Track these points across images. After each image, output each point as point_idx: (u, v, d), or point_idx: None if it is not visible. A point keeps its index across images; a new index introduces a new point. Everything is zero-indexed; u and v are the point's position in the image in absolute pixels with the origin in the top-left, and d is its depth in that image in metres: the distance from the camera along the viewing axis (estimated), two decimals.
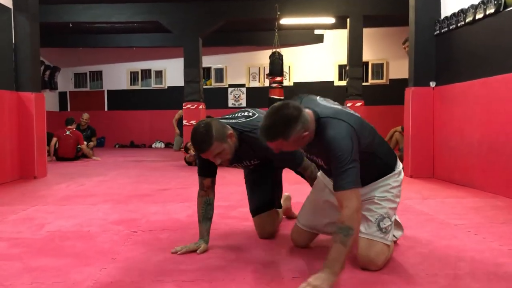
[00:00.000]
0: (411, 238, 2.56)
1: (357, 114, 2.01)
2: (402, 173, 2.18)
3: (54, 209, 3.52)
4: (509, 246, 2.37)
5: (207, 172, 2.38)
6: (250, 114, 2.40)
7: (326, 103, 2.02)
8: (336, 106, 2.03)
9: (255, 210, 2.62)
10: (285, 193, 2.95)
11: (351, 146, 1.79)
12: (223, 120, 2.30)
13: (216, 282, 1.86)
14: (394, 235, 2.20)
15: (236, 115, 2.41)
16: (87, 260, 2.18)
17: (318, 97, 2.08)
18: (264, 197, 2.62)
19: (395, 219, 2.21)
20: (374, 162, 2.03)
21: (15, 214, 3.32)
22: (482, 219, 3.06)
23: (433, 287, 1.80)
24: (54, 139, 8.00)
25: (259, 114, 2.39)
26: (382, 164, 2.09)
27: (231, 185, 4.39)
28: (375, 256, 1.97)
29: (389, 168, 2.11)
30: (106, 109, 12.56)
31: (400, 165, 2.17)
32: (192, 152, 6.95)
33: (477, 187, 4.30)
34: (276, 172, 2.68)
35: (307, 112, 1.83)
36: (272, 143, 1.82)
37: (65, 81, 12.60)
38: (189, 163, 6.96)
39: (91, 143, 8.73)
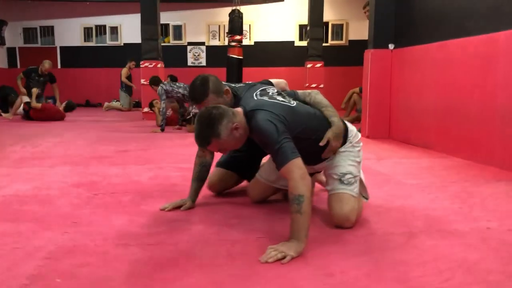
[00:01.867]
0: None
1: (288, 104, 2.09)
2: (357, 136, 2.29)
3: (9, 172, 3.40)
4: (459, 204, 2.51)
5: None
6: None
7: (260, 98, 2.10)
8: (268, 99, 2.07)
9: (219, 163, 2.72)
10: None
11: (274, 126, 1.88)
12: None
13: (180, 244, 1.88)
14: (362, 195, 2.33)
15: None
16: (47, 225, 2.15)
17: (263, 90, 2.18)
18: (235, 160, 2.65)
19: (361, 179, 2.29)
20: (317, 144, 2.10)
21: None
22: (435, 178, 3.21)
23: (389, 244, 1.89)
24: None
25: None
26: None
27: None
28: (347, 210, 2.05)
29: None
30: (59, 66, 12.06)
31: (351, 134, 2.25)
32: (157, 107, 6.79)
33: (431, 148, 4.48)
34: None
35: (236, 109, 2.02)
36: (210, 146, 1.95)
37: (13, 36, 11.94)
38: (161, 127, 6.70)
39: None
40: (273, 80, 2.40)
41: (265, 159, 2.61)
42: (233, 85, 2.36)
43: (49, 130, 6.26)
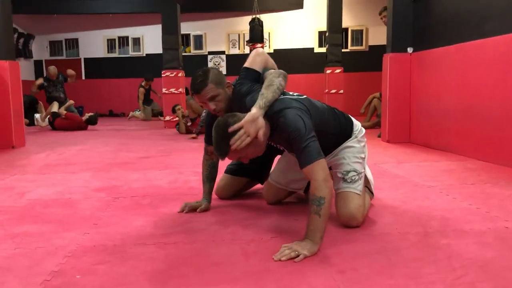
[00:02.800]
0: (385, 199, 2.66)
1: (304, 97, 2.12)
2: (362, 131, 2.33)
3: (34, 178, 3.52)
4: (478, 205, 2.48)
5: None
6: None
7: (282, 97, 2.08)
8: (289, 98, 2.08)
9: (227, 170, 2.74)
10: None
11: (303, 123, 1.88)
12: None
13: (196, 244, 1.92)
14: (368, 188, 2.35)
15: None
16: (69, 226, 2.22)
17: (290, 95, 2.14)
18: (243, 167, 2.67)
19: (365, 175, 2.30)
20: (327, 137, 2.13)
21: None
22: (454, 180, 3.18)
23: (404, 244, 1.89)
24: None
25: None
26: (337, 135, 2.21)
27: None
28: (352, 209, 2.07)
29: (344, 137, 2.24)
30: (83, 77, 12.34)
31: (356, 128, 2.29)
32: (180, 112, 6.90)
33: (451, 151, 4.43)
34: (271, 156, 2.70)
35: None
36: (229, 156, 1.95)
37: (40, 49, 12.28)
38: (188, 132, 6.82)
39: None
40: (258, 63, 2.31)
41: (276, 159, 2.64)
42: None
43: (72, 139, 6.42)
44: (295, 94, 2.15)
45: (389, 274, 1.58)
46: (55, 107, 8.34)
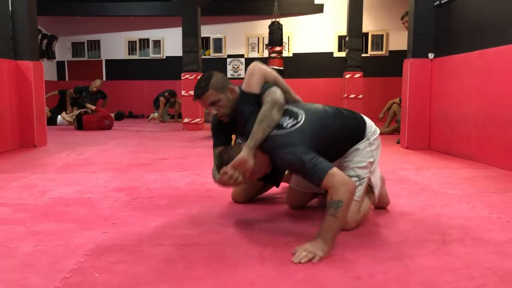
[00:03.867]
0: (403, 206, 2.63)
1: (301, 123, 2.06)
2: (376, 132, 2.27)
3: (55, 177, 3.58)
4: (498, 214, 2.44)
5: (220, 143, 2.38)
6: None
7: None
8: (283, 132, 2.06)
9: None
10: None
11: (296, 158, 1.92)
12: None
13: (213, 246, 1.93)
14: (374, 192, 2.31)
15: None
16: (88, 225, 2.26)
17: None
18: None
19: (370, 179, 2.25)
20: (335, 146, 2.15)
21: (17, 181, 3.38)
22: (474, 188, 3.13)
23: (421, 251, 1.87)
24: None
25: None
26: (345, 140, 2.18)
27: None
28: None
29: (355, 139, 2.19)
30: (104, 78, 12.49)
31: (370, 129, 2.23)
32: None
33: (471, 158, 4.37)
34: None
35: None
36: None
37: (62, 50, 12.49)
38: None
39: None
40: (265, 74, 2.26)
41: None
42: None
43: (92, 139, 6.52)
44: (290, 121, 2.08)
45: (406, 282, 1.56)
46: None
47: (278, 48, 8.59)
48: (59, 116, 9.25)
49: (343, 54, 9.81)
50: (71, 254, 1.84)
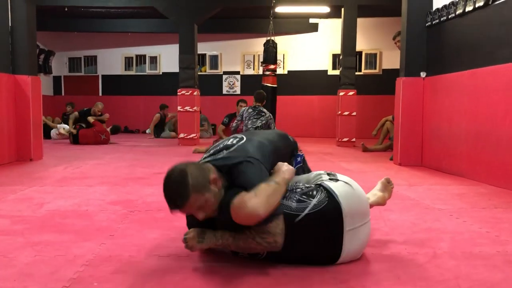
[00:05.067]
0: (395, 220, 2.69)
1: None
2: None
3: (52, 190, 3.61)
4: (488, 228, 2.51)
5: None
6: (234, 141, 1.97)
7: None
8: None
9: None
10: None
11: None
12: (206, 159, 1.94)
13: (210, 256, 1.97)
14: None
15: (218, 148, 1.98)
16: (86, 236, 2.29)
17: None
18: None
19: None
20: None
21: (14, 194, 3.41)
22: (465, 204, 3.20)
23: (412, 263, 1.92)
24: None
25: (246, 138, 2.00)
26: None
27: None
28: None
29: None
30: (100, 94, 12.57)
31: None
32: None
33: (463, 175, 4.45)
34: None
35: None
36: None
37: (59, 66, 12.57)
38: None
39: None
40: None
41: None
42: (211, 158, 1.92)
43: (89, 153, 6.55)
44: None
45: None
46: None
47: (272, 66, 8.69)
48: (52, 131, 9.31)
49: (337, 72, 9.95)
50: (69, 264, 1.87)
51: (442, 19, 4.95)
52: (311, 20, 11.30)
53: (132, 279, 1.72)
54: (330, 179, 1.96)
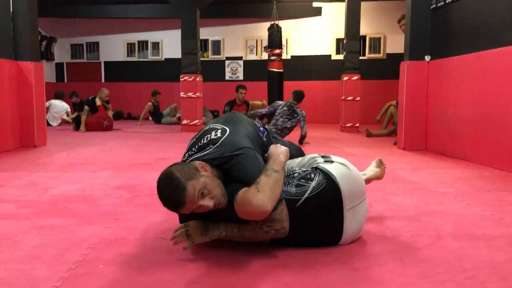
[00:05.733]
0: (399, 203, 2.69)
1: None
2: None
3: (56, 175, 3.63)
4: (491, 211, 2.51)
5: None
6: (219, 133, 1.87)
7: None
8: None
9: None
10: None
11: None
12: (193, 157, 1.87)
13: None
14: None
15: (201, 143, 1.90)
16: (91, 220, 2.31)
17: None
18: None
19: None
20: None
21: (19, 179, 3.43)
22: (469, 187, 3.19)
23: (416, 245, 1.93)
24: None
25: (230, 128, 1.89)
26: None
27: None
28: None
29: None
30: (103, 80, 12.55)
31: None
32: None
33: (467, 159, 4.43)
34: None
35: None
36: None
37: (61, 52, 12.54)
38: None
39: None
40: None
41: None
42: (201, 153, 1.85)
43: (92, 140, 6.56)
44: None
45: (401, 273, 1.62)
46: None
47: (277, 51, 8.67)
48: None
49: (341, 56, 9.90)
50: (75, 247, 1.89)
51: (447, 1, 4.89)
52: (314, 4, 11.20)
53: (137, 260, 1.74)
54: (325, 161, 1.97)
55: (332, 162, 1.95)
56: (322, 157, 2.03)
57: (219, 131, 1.87)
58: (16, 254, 1.80)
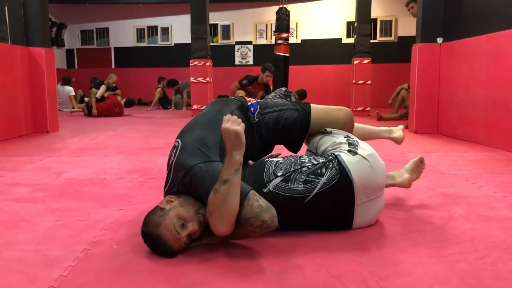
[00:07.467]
0: (411, 186, 2.68)
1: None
2: None
3: (69, 160, 3.67)
4: (504, 193, 2.49)
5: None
6: (172, 155, 1.84)
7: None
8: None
9: None
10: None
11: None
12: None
13: None
14: None
15: (167, 169, 1.89)
16: (105, 203, 2.34)
17: None
18: None
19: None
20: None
21: (33, 164, 3.48)
22: (481, 170, 3.18)
23: (428, 226, 1.93)
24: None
25: (181, 143, 1.83)
26: None
27: None
28: None
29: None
30: (113, 66, 12.59)
31: None
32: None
33: (479, 142, 4.40)
34: None
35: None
36: None
37: (72, 38, 12.58)
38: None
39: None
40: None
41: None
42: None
43: (104, 125, 6.61)
44: None
45: (412, 253, 1.63)
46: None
47: (284, 35, 8.59)
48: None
49: (351, 40, 9.80)
50: (89, 228, 1.92)
51: None
52: None
53: None
54: (349, 150, 1.84)
55: (355, 154, 1.82)
56: (349, 144, 1.89)
57: (174, 150, 1.82)
58: (32, 235, 1.84)
